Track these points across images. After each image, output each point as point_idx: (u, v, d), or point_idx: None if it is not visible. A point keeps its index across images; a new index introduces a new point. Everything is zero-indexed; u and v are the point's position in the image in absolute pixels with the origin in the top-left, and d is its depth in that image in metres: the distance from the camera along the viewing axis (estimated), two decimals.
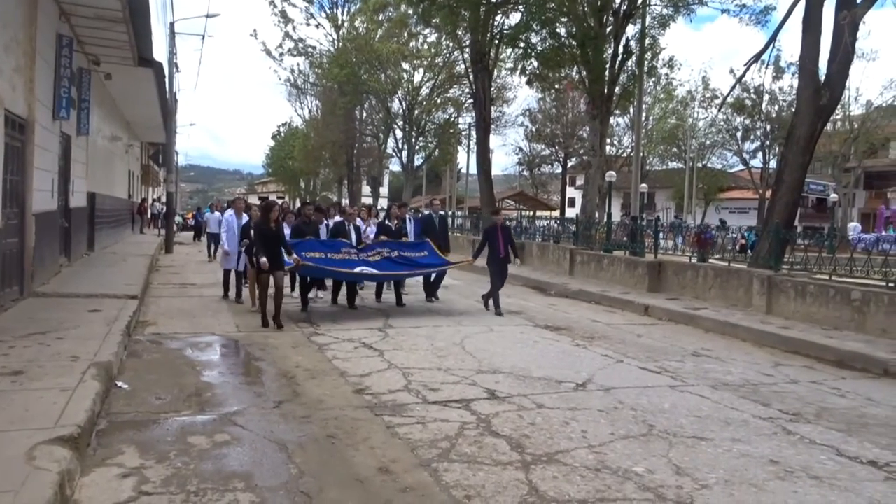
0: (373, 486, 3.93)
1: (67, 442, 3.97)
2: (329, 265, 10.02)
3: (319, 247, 10.27)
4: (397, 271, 10.82)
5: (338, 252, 10.32)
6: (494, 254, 10.76)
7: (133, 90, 17.61)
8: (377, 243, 11.16)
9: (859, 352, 7.99)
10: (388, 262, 10.77)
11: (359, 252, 10.60)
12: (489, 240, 10.89)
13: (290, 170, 60.39)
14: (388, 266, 10.71)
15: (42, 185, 10.17)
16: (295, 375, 6.44)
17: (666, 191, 53.12)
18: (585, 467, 4.32)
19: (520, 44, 21.97)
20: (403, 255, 11.03)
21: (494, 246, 10.75)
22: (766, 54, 15.19)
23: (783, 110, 42.10)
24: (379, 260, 10.66)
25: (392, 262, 10.81)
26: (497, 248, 10.71)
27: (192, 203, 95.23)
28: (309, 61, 39.68)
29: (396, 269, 10.81)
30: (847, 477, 4.34)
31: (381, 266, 10.62)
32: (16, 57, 8.64)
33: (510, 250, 11.06)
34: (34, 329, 7.10)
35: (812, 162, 13.96)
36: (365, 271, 10.40)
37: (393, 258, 10.84)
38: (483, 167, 25.55)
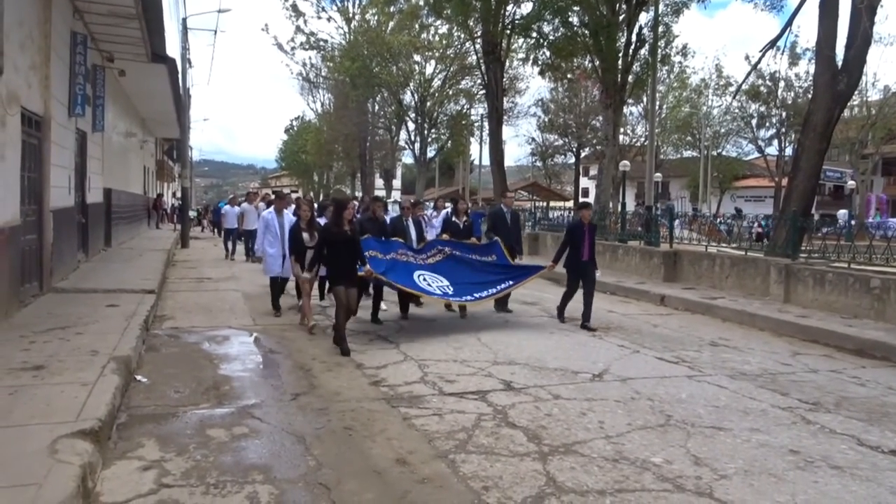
0: (390, 478, 3.94)
1: (89, 435, 4.02)
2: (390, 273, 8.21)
3: (377, 246, 8.52)
4: (478, 292, 8.80)
5: (394, 252, 8.68)
6: (577, 256, 9.04)
7: (147, 86, 17.70)
8: (436, 241, 9.61)
9: (879, 340, 7.91)
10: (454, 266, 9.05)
11: (416, 254, 9.00)
12: (573, 239, 9.07)
13: (303, 163, 60.61)
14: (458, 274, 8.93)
15: (59, 182, 10.26)
16: (311, 368, 6.47)
17: (680, 180, 52.73)
18: (603, 458, 4.31)
19: (532, 33, 21.86)
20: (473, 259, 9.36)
21: (578, 246, 9.00)
22: (782, 40, 15.06)
23: (799, 97, 41.56)
24: (441, 260, 9.09)
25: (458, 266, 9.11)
26: (581, 250, 8.99)
27: (207, 198, 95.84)
28: (321, 55, 39.71)
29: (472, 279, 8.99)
30: (868, 466, 4.30)
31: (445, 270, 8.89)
32: (31, 55, 8.70)
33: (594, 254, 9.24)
34: (54, 324, 7.18)
35: (829, 149, 13.78)
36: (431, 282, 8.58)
37: (459, 259, 9.23)
38: (496, 158, 25.46)
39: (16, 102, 7.95)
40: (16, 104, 7.95)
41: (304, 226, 8.51)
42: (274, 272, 9.40)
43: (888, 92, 40.25)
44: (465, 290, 8.74)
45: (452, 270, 8.99)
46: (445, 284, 8.67)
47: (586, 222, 9.06)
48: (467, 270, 9.16)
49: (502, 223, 10.25)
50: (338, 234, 7.25)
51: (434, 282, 8.63)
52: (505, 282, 9.15)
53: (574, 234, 9.10)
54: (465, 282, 8.88)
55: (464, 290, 8.73)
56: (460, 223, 10.12)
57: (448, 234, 9.88)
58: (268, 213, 9.70)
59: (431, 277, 8.69)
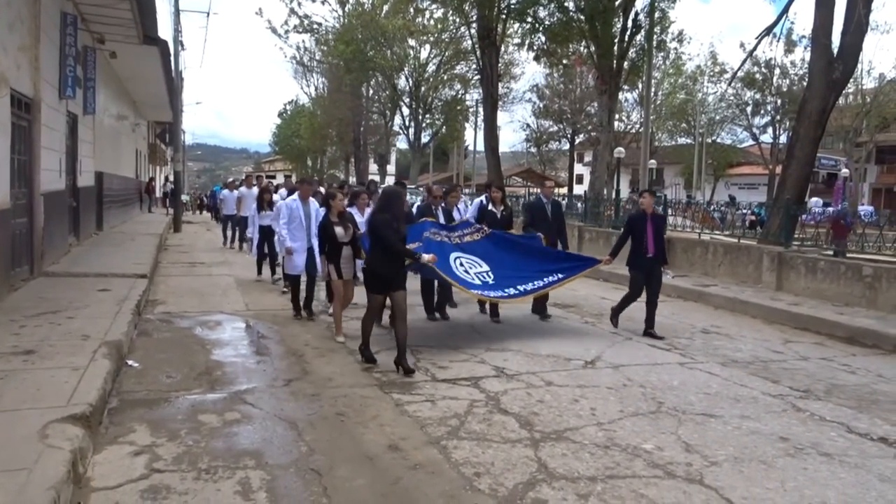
0: (382, 464, 3.95)
1: (80, 420, 4.01)
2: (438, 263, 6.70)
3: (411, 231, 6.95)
4: (522, 283, 7.49)
5: (427, 232, 7.31)
6: (639, 251, 7.81)
7: (139, 68, 17.52)
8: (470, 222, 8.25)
9: (870, 328, 7.96)
10: (495, 247, 7.79)
11: (449, 231, 7.64)
12: (633, 232, 7.89)
13: (296, 148, 60.27)
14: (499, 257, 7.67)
15: (50, 165, 10.17)
16: (304, 354, 6.47)
17: (675, 167, 52.75)
18: (595, 444, 4.33)
19: (527, 18, 21.72)
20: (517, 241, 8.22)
21: (640, 240, 7.78)
22: (778, 27, 15.01)
23: (794, 84, 41.54)
24: (479, 240, 7.76)
25: (500, 247, 7.84)
26: (644, 245, 7.76)
27: (200, 182, 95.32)
28: (315, 38, 39.33)
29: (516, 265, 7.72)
30: (857, 454, 4.33)
31: (485, 252, 7.62)
32: (20, 35, 8.58)
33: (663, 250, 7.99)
34: (45, 308, 7.14)
35: (823, 137, 13.78)
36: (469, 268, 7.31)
37: (501, 238, 8.00)
38: (490, 144, 25.38)
39: (5, 84, 7.85)
40: (5, 86, 7.85)
41: (336, 218, 7.08)
42: (298, 269, 8.21)
43: (883, 80, 40.26)
44: (507, 280, 7.43)
45: (493, 252, 7.70)
46: (485, 271, 7.41)
47: (649, 212, 7.84)
48: (511, 253, 7.87)
49: (541, 217, 8.75)
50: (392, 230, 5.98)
51: (472, 267, 7.33)
52: (554, 274, 7.81)
53: (634, 226, 7.89)
54: (507, 268, 7.60)
55: (506, 280, 7.41)
56: (497, 212, 8.78)
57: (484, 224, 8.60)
58: (291, 200, 8.35)
59: (468, 261, 7.38)
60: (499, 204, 8.87)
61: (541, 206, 8.91)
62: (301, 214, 8.27)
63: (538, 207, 8.92)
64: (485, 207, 9.00)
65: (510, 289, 7.36)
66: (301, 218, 8.25)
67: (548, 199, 9.04)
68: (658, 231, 7.87)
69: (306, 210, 8.34)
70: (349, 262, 7.14)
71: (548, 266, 7.91)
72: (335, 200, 7.17)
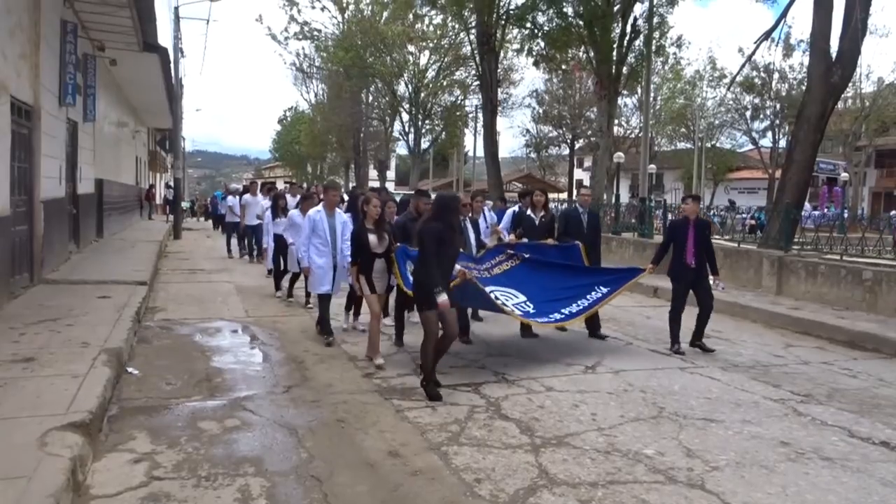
0: (382, 470, 3.93)
1: (79, 428, 3.99)
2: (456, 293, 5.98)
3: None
4: (566, 306, 6.98)
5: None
6: (680, 261, 7.30)
7: (139, 76, 17.56)
8: (499, 247, 7.69)
9: (871, 332, 7.95)
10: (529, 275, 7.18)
11: (476, 264, 6.98)
12: (674, 239, 7.40)
13: (296, 154, 60.38)
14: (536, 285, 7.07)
15: (50, 172, 10.18)
16: (304, 360, 6.46)
17: (674, 171, 52.72)
18: (595, 450, 4.32)
19: (526, 24, 21.80)
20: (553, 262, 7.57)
21: (681, 249, 7.27)
22: (777, 32, 15.01)
23: (793, 88, 41.58)
24: (511, 269, 7.22)
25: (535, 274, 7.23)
26: (684, 254, 7.24)
27: (200, 189, 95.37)
28: (314, 45, 39.48)
29: (555, 291, 7.14)
30: (859, 458, 4.32)
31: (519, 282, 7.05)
32: (20, 43, 8.60)
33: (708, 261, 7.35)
34: (45, 316, 7.13)
35: (823, 141, 13.80)
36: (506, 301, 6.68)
37: (535, 264, 7.37)
38: (490, 150, 25.42)
39: (4, 92, 7.87)
40: (5, 93, 7.87)
41: (372, 226, 6.50)
42: (323, 289, 7.27)
43: (882, 84, 40.34)
44: (549, 305, 6.94)
45: (528, 281, 7.13)
46: (522, 301, 6.85)
47: (692, 218, 7.35)
48: (548, 278, 7.28)
49: (576, 227, 8.17)
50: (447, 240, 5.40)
51: (509, 299, 6.75)
52: (597, 289, 7.27)
53: (675, 233, 7.44)
54: (546, 293, 7.07)
55: (548, 306, 6.92)
56: (536, 218, 8.14)
57: (517, 234, 8.03)
58: (314, 212, 7.33)
59: (504, 294, 6.79)
60: (539, 209, 8.24)
61: (576, 215, 8.34)
62: (325, 227, 7.20)
63: (573, 217, 8.34)
64: (522, 214, 8.47)
65: (554, 314, 6.88)
66: (325, 231, 7.19)
67: (584, 208, 8.44)
68: (700, 238, 7.27)
69: (331, 223, 7.25)
70: (383, 276, 6.51)
71: (588, 281, 7.40)
72: (370, 206, 6.48)
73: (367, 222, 6.49)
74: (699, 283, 7.30)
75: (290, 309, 9.26)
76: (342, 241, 7.19)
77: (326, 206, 7.32)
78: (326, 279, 7.23)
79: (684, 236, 7.27)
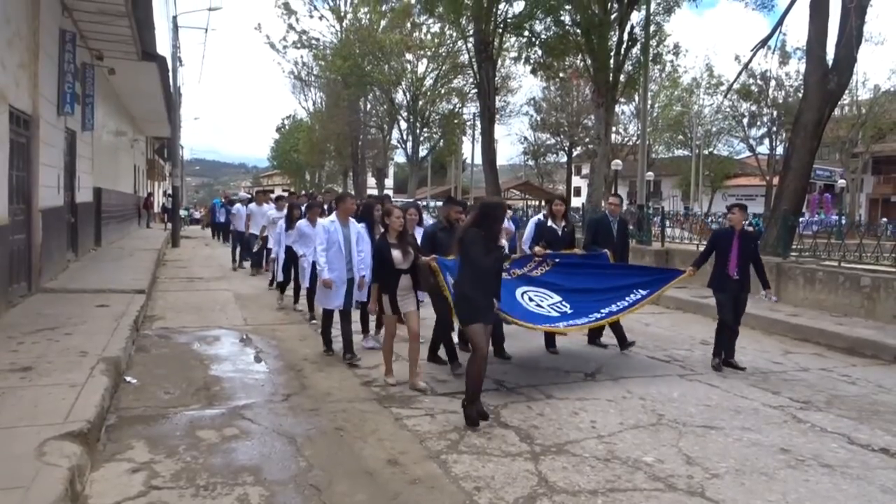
0: (382, 479, 3.92)
1: (77, 437, 3.98)
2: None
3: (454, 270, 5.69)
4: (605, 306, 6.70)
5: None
6: (723, 272, 6.92)
7: (137, 85, 17.57)
8: (527, 256, 7.31)
9: (869, 339, 7.95)
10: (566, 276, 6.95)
11: (510, 267, 6.76)
12: (717, 249, 7.04)
13: (294, 162, 60.40)
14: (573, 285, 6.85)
15: (48, 181, 10.17)
16: (303, 368, 6.45)
17: (672, 178, 52.89)
18: (595, 458, 4.31)
19: (524, 32, 21.87)
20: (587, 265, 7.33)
21: (725, 260, 6.91)
22: (773, 39, 15.08)
23: (790, 96, 41.72)
24: (547, 272, 6.96)
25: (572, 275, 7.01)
26: (727, 265, 6.88)
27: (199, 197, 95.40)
28: (312, 53, 39.59)
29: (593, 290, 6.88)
30: (859, 465, 4.31)
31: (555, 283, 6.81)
32: (19, 52, 8.62)
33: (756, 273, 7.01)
34: (43, 325, 7.11)
35: (819, 148, 13.84)
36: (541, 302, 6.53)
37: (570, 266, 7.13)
38: (488, 157, 25.43)
39: (3, 101, 7.88)
40: (3, 103, 7.88)
41: (395, 240, 5.93)
42: (334, 304, 6.84)
43: (878, 91, 40.52)
44: (587, 305, 6.65)
45: (562, 282, 6.87)
46: (558, 301, 6.60)
47: (738, 228, 6.94)
48: (582, 278, 7.01)
49: (606, 235, 7.85)
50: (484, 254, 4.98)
51: (543, 300, 6.54)
52: (636, 290, 6.94)
53: (719, 242, 7.07)
54: (584, 296, 6.76)
55: (586, 307, 6.63)
56: (559, 228, 7.73)
57: (543, 245, 7.55)
58: (329, 222, 6.91)
59: (538, 294, 6.60)
60: (560, 219, 7.79)
61: (606, 223, 8.00)
62: (340, 238, 6.76)
63: (603, 224, 8.00)
64: (543, 224, 7.99)
65: (594, 313, 6.57)
66: (340, 243, 6.74)
67: (614, 217, 8.10)
68: (746, 250, 6.87)
69: (346, 233, 6.82)
70: (409, 294, 5.90)
71: (626, 283, 7.07)
72: (393, 219, 5.93)
73: (389, 236, 5.89)
74: (739, 297, 6.95)
75: (289, 317, 9.25)
76: (357, 253, 6.84)
77: (341, 216, 6.88)
78: (339, 294, 6.76)
79: (728, 247, 6.89)
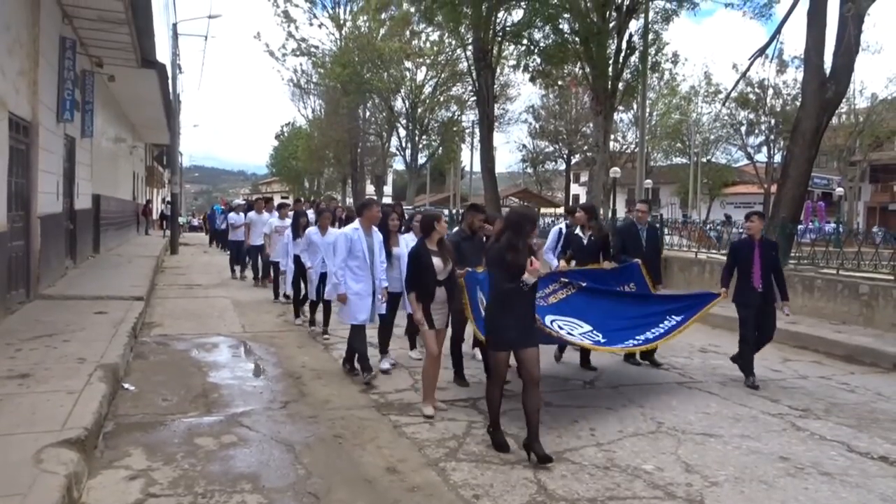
0: (380, 486, 3.91)
1: (75, 444, 3.97)
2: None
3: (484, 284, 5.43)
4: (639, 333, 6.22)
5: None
6: (746, 284, 6.65)
7: (136, 92, 17.60)
8: (555, 274, 6.81)
9: (868, 346, 7.95)
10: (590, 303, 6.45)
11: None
12: (737, 262, 6.81)
13: (293, 170, 60.42)
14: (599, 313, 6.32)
15: (47, 188, 10.17)
16: (301, 376, 6.43)
17: (670, 186, 52.97)
18: (594, 465, 4.30)
19: (523, 40, 21.93)
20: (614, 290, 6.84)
21: (747, 271, 6.66)
22: (771, 48, 15.11)
23: (788, 104, 41.86)
24: (568, 297, 6.48)
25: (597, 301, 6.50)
26: (750, 277, 6.63)
27: (198, 204, 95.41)
28: (312, 61, 39.69)
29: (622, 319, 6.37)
30: (858, 473, 4.31)
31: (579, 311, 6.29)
32: (19, 59, 8.63)
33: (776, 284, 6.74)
34: (41, 331, 7.10)
35: (817, 156, 13.86)
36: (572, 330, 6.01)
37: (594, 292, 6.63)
38: (487, 165, 25.48)
39: (3, 108, 7.88)
40: (3, 109, 7.89)
41: (436, 248, 5.50)
42: (361, 318, 6.28)
43: (875, 99, 40.66)
44: (619, 335, 6.17)
45: (590, 309, 6.38)
46: (588, 331, 6.11)
47: (757, 238, 6.70)
48: (612, 305, 6.54)
49: (635, 244, 7.44)
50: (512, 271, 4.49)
51: (574, 329, 6.07)
52: (668, 317, 6.51)
53: (738, 254, 6.83)
54: (615, 324, 6.28)
55: (618, 335, 6.16)
56: (584, 237, 7.31)
57: (567, 257, 7.28)
58: (352, 230, 6.34)
59: (567, 323, 6.11)
60: (587, 228, 7.34)
61: (634, 231, 7.56)
62: (364, 248, 6.25)
63: (631, 234, 7.56)
64: (570, 232, 7.66)
65: (629, 340, 6.15)
66: (364, 252, 6.25)
67: (642, 224, 7.62)
68: (769, 260, 6.63)
69: (370, 242, 6.32)
70: (443, 307, 5.50)
71: (659, 309, 6.66)
72: (440, 225, 5.50)
73: (428, 243, 5.46)
74: (765, 309, 6.64)
75: (287, 324, 9.24)
76: (380, 263, 6.42)
77: (364, 224, 6.36)
78: (364, 307, 6.27)
79: (749, 258, 6.65)
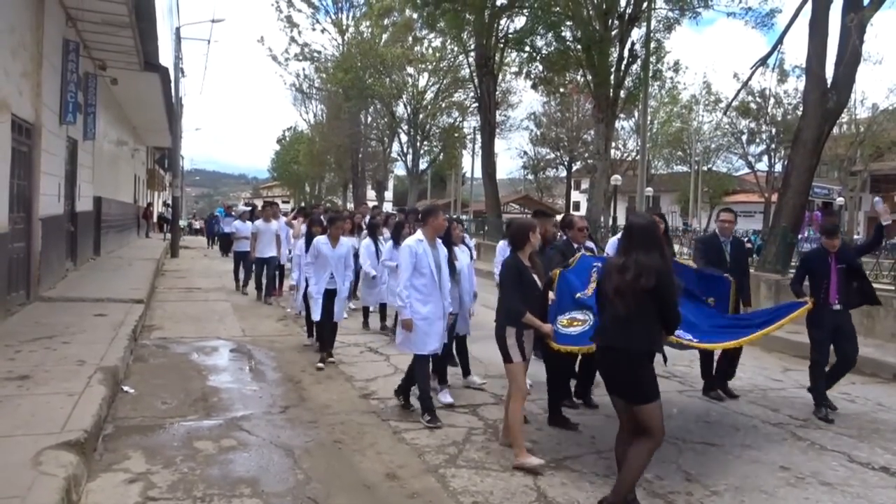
0: (380, 492, 3.90)
1: (74, 447, 3.96)
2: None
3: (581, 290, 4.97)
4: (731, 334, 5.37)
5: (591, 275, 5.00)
6: (820, 302, 5.84)
7: (139, 95, 17.63)
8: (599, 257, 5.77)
9: (869, 357, 7.92)
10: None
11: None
12: (812, 277, 6.07)
13: (295, 174, 60.52)
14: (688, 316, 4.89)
15: (48, 190, 10.18)
16: (301, 380, 6.42)
17: (671, 194, 52.98)
18: (594, 473, 4.29)
19: (525, 47, 22.04)
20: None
21: (820, 287, 5.92)
22: (772, 58, 15.15)
23: (788, 113, 41.91)
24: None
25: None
26: (826, 293, 5.89)
27: (198, 207, 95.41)
28: (314, 66, 39.81)
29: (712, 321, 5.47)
30: (858, 483, 4.30)
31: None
32: (23, 62, 8.65)
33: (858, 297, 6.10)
34: (41, 333, 7.09)
35: (818, 165, 13.88)
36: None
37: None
38: (488, 171, 25.56)
39: (6, 109, 7.90)
40: (6, 111, 7.90)
41: (530, 262, 4.72)
42: (430, 348, 5.35)
43: (877, 110, 40.73)
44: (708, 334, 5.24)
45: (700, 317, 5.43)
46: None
47: (833, 251, 5.93)
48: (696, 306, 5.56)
49: (718, 258, 6.42)
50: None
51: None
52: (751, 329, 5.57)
53: (813, 268, 6.08)
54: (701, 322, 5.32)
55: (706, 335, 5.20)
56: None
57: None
58: (416, 242, 5.36)
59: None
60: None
61: (717, 245, 6.57)
62: (430, 262, 5.32)
63: (714, 247, 6.57)
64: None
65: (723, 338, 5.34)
66: (431, 268, 5.32)
67: (726, 237, 6.66)
68: (847, 275, 5.93)
69: (436, 256, 5.42)
70: (531, 333, 4.67)
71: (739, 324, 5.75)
72: (535, 233, 4.73)
73: (523, 257, 4.66)
74: (842, 329, 5.93)
75: (287, 328, 9.23)
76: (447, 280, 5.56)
77: (429, 234, 5.43)
78: (434, 333, 5.32)
79: (824, 272, 5.92)
